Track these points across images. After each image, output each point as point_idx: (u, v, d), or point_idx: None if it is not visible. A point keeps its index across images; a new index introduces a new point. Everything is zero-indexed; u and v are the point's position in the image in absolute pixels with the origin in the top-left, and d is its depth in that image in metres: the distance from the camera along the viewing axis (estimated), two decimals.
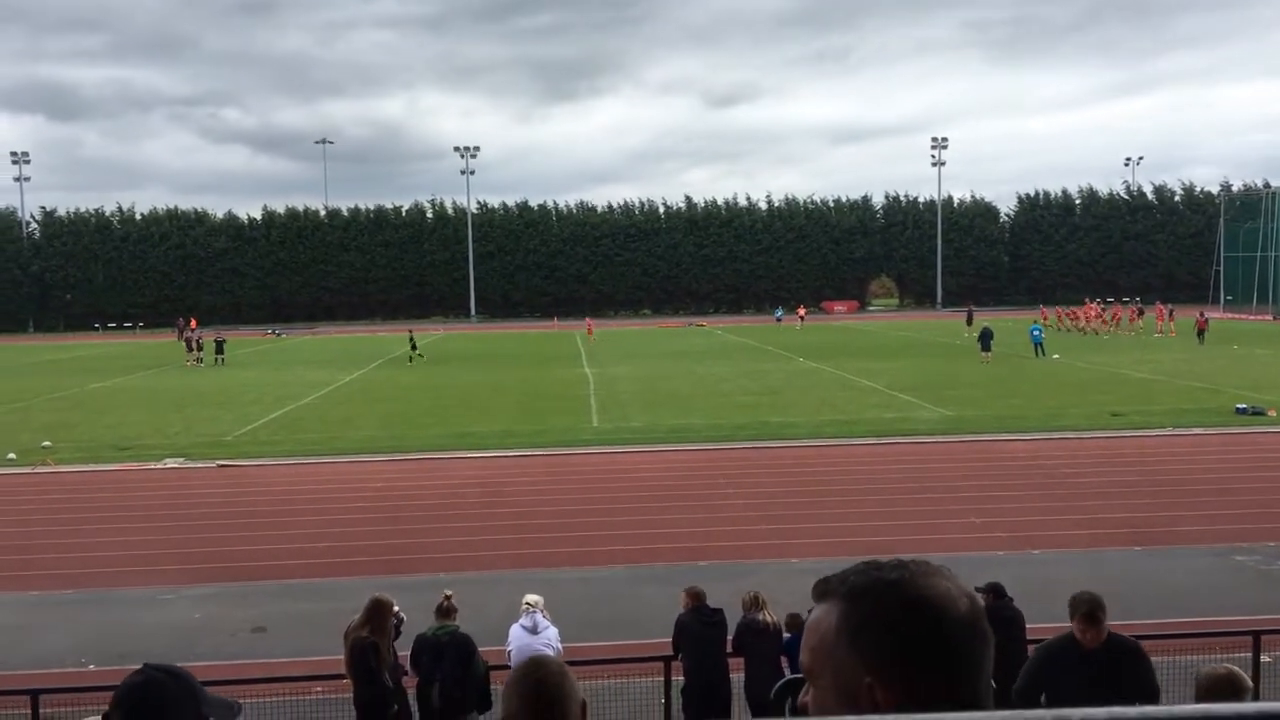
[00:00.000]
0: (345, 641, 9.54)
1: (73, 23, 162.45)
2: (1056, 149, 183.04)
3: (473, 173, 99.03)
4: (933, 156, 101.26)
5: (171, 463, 25.62)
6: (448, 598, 9.84)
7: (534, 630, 9.81)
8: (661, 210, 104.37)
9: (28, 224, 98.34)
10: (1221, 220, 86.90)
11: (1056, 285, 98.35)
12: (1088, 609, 6.96)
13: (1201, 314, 55.51)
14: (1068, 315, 65.36)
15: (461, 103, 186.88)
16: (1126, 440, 25.91)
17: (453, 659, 9.34)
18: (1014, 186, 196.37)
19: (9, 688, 10.92)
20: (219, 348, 54.03)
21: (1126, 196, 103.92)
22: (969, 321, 63.31)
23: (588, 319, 74.92)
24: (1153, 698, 6.63)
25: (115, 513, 20.59)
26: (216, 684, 5.97)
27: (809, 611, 1.65)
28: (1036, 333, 48.86)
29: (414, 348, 53.41)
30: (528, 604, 10.09)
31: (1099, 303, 72.99)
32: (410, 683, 9.64)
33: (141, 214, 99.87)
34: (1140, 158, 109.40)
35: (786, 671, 9.18)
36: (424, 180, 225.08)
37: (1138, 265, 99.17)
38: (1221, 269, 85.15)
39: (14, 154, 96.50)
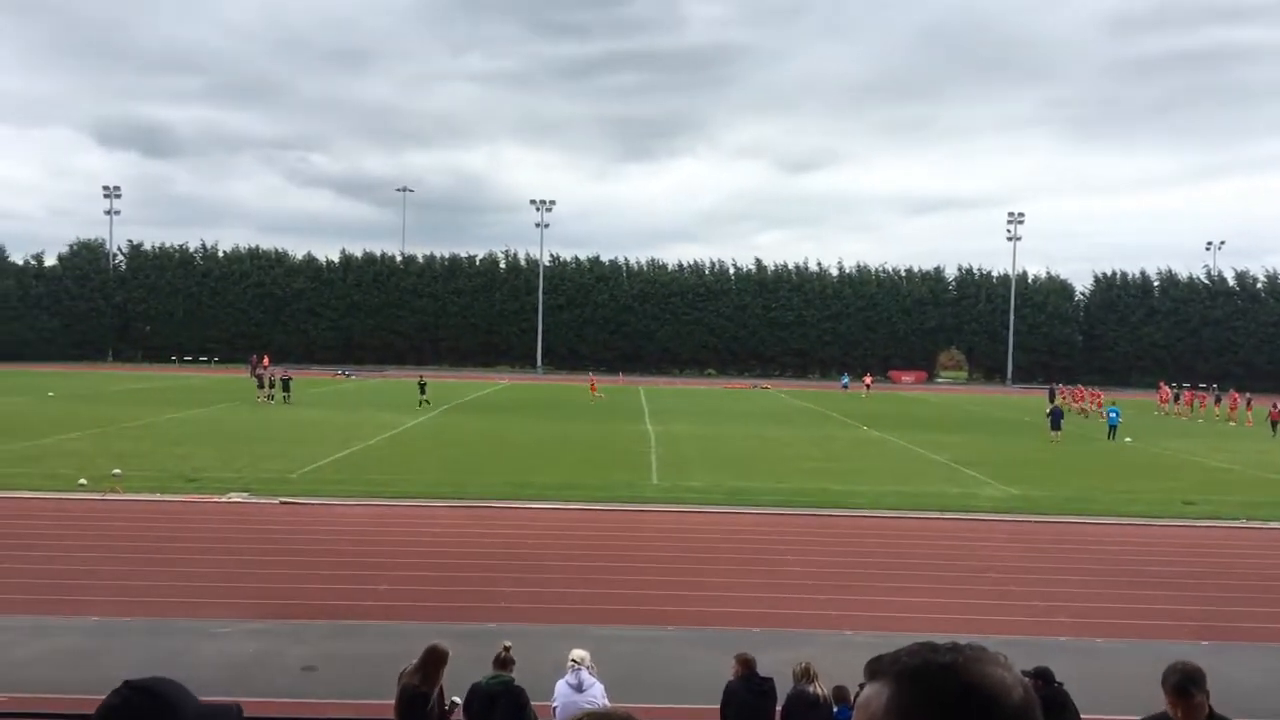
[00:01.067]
0: (398, 684, 9.55)
1: (172, 64, 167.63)
2: (1135, 229, 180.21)
3: (548, 226, 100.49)
4: (1008, 231, 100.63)
5: (236, 497, 26.00)
6: (507, 649, 9.81)
7: (579, 688, 9.73)
8: (731, 271, 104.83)
9: (115, 256, 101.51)
10: None
11: (1132, 367, 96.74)
12: (1178, 680, 5.86)
13: (1275, 405, 54.07)
14: (1074, 396, 67.26)
15: (540, 157, 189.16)
16: (1198, 530, 25.23)
17: (504, 710, 9.29)
18: (1090, 265, 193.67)
19: (64, 710, 11.07)
20: (285, 385, 55.15)
21: (1207, 281, 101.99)
22: (1051, 399, 61.85)
23: (590, 374, 74.09)
24: None
25: (178, 543, 20.90)
26: None
27: (860, 687, 1.63)
28: (1113, 415, 47.92)
29: (423, 392, 54.20)
30: (574, 661, 10.03)
31: (1173, 387, 71.45)
32: None
33: (224, 252, 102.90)
34: (1222, 242, 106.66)
35: None
36: (500, 231, 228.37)
37: (1217, 351, 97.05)
38: None
39: (106, 188, 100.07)
